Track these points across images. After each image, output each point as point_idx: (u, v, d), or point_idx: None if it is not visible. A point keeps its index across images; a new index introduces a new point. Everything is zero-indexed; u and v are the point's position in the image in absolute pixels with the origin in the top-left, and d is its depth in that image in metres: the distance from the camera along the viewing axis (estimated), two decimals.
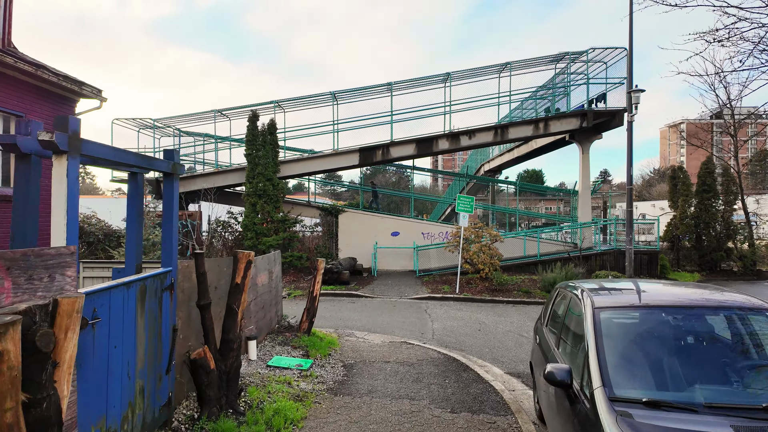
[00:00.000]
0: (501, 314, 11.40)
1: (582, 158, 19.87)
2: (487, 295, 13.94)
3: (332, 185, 66.97)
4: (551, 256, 18.39)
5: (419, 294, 14.05)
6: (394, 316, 10.93)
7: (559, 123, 18.42)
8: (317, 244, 19.76)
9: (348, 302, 12.96)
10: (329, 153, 18.26)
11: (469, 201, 14.77)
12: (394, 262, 19.94)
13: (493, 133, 18.25)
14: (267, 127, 17.52)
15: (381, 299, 13.46)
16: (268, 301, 7.18)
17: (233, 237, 18.70)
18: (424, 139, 18.18)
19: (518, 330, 9.50)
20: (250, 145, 17.15)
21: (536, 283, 15.51)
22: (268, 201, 17.15)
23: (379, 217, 20.42)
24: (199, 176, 18.56)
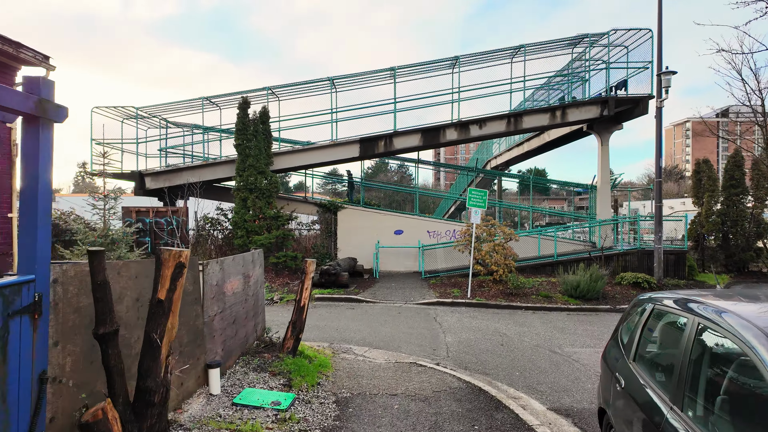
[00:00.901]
0: (522, 323, 9.88)
1: (601, 150, 18.33)
2: (503, 300, 12.43)
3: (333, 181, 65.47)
4: (569, 257, 16.86)
5: (426, 299, 12.54)
6: (399, 325, 9.42)
7: (578, 111, 16.89)
8: (314, 244, 18.27)
9: (347, 308, 11.46)
10: (327, 144, 16.77)
11: (482, 195, 13.26)
12: (398, 263, 18.44)
13: (506, 122, 16.73)
14: (259, 115, 16.03)
15: (384, 305, 11.96)
16: (241, 314, 5.68)
17: (223, 235, 17.23)
18: (430, 129, 16.67)
19: (547, 344, 7.99)
20: (240, 134, 15.66)
21: (556, 287, 13.98)
22: (260, 196, 15.66)
23: (382, 214, 18.92)
24: (186, 169, 17.08)
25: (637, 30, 16.65)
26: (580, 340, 8.39)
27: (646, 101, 16.57)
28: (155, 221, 16.37)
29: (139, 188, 17.00)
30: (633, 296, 13.08)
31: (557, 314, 11.26)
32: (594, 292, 12.53)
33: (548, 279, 15.30)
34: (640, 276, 13.95)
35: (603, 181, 18.30)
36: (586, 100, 16.99)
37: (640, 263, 16.47)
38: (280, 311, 10.92)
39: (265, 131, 16.05)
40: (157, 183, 17.10)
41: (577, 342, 8.21)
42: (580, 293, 12.56)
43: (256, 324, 6.41)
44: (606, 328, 9.54)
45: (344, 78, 16.94)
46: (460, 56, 16.67)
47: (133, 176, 17.02)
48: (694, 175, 20.58)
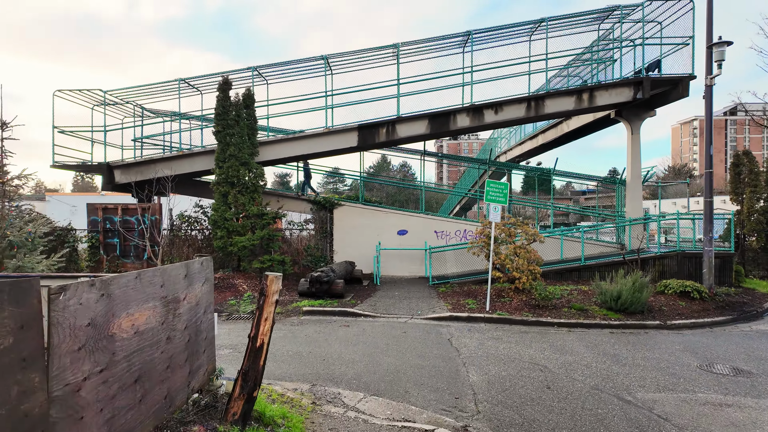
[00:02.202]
0: (562, 348, 7.76)
1: (631, 140, 16.20)
2: (529, 314, 10.31)
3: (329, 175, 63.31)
4: (597, 260, 14.72)
5: (437, 311, 10.44)
6: (405, 352, 7.32)
7: (607, 94, 14.75)
8: (307, 245, 16.18)
9: (340, 326, 9.36)
10: (321, 132, 14.67)
11: (502, 189, 11.14)
12: (402, 267, 16.34)
13: (526, 106, 14.61)
14: (242, 98, 13.96)
15: (386, 320, 9.86)
16: (158, 363, 3.58)
17: (203, 236, 15.15)
18: (439, 115, 14.56)
19: (609, 385, 5.88)
20: (220, 119, 13.58)
21: (589, 297, 11.86)
22: (243, 191, 13.57)
23: (384, 212, 16.83)
24: (160, 161, 15.01)
25: (676, 1, 14.51)
26: (650, 376, 6.27)
27: (686, 82, 14.43)
28: (124, 220, 14.31)
29: (108, 182, 14.94)
30: (682, 308, 10.97)
31: (598, 333, 9.13)
32: (638, 303, 10.40)
33: (577, 287, 13.16)
34: (687, 284, 11.81)
35: (633, 174, 16.16)
36: (617, 81, 14.84)
37: (679, 268, 14.33)
38: None
39: (250, 116, 13.97)
40: (128, 176, 15.04)
41: (647, 380, 6.09)
42: (621, 305, 10.43)
43: (194, 371, 4.31)
44: (670, 354, 7.42)
45: (341, 57, 14.84)
46: (472, 31, 14.56)
47: (100, 169, 14.95)
48: (732, 168, 18.41)
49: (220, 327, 9.27)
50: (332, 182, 70.26)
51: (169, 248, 14.62)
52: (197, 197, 16.65)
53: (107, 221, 14.41)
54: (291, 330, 8.93)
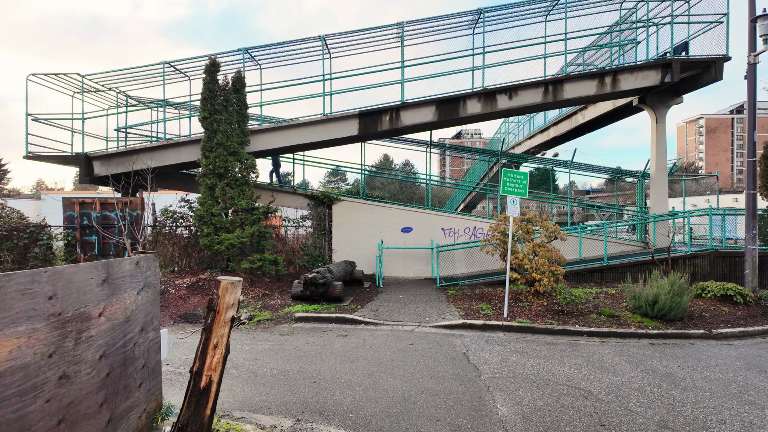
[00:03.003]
0: (601, 366, 6.47)
1: (656, 129, 14.88)
2: (554, 321, 9.01)
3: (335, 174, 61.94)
4: (620, 260, 13.40)
5: (447, 318, 9.16)
6: (414, 372, 6.04)
7: (632, 78, 13.43)
8: (303, 244, 14.92)
9: (337, 335, 8.09)
10: (318, 119, 13.40)
11: (521, 179, 9.84)
12: (406, 267, 15.07)
13: (543, 91, 13.30)
14: (232, 81, 12.71)
15: (390, 328, 8.59)
16: (45, 416, 2.30)
17: (190, 233, 13.90)
18: (447, 101, 13.27)
19: (680, 420, 4.59)
20: (206, 105, 12.33)
21: (617, 301, 10.57)
22: (232, 183, 12.32)
23: (386, 208, 15.55)
24: (143, 151, 13.76)
25: None
26: (725, 406, 4.97)
27: (720, 64, 13.10)
28: (103, 215, 13.07)
29: (86, 175, 13.70)
30: (725, 314, 9.66)
31: (636, 344, 7.84)
32: (678, 309, 9.09)
33: (602, 289, 11.85)
34: (729, 287, 10.49)
35: (658, 166, 14.83)
36: (643, 63, 13.51)
37: (713, 268, 13.01)
38: (244, 341, 7.56)
39: (240, 102, 12.71)
40: (109, 168, 13.80)
41: (724, 412, 4.79)
42: (658, 311, 9.12)
43: (121, 416, 3.03)
44: (734, 374, 6.12)
45: (340, 38, 13.57)
46: (483, 9, 13.26)
47: (77, 160, 13.71)
48: (762, 161, 17.03)
49: (197, 336, 8.01)
50: (334, 181, 69.01)
51: (152, 246, 13.38)
52: (185, 192, 15.43)
53: (84, 217, 13.17)
54: (279, 341, 7.65)
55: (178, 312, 9.95)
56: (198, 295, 11.12)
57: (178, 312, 9.95)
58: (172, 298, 10.74)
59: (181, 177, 15.44)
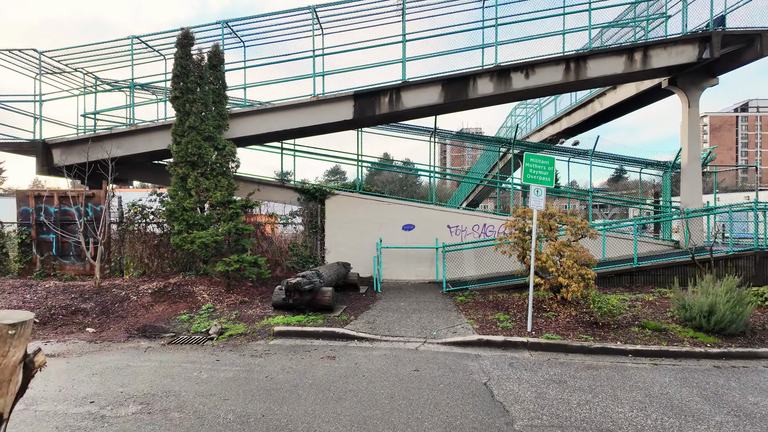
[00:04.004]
0: (668, 401, 4.85)
1: (689, 114, 13.25)
2: (588, 336, 7.38)
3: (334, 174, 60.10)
4: (654, 261, 11.75)
5: (459, 332, 7.54)
6: (422, 420, 4.42)
7: (665, 54, 11.81)
8: (292, 243, 13.29)
9: (322, 357, 6.46)
10: (307, 101, 11.77)
11: (546, 165, 8.19)
12: (408, 269, 13.46)
13: (563, 69, 11.67)
14: (208, 57, 11.09)
15: (388, 346, 6.96)
16: None
17: (162, 231, 12.26)
18: (455, 80, 11.64)
19: None
20: (178, 83, 10.71)
21: (660, 310, 8.94)
22: (208, 173, 10.71)
23: (386, 203, 13.93)
24: (109, 137, 12.13)
25: None
26: None
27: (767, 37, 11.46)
28: (62, 211, 11.45)
29: (44, 165, 12.06)
30: None
31: (698, 368, 6.21)
32: (740, 322, 7.47)
33: (635, 295, 10.23)
34: None
35: (691, 156, 13.20)
36: (677, 37, 11.87)
37: (758, 270, 11.40)
38: (203, 365, 5.93)
39: (217, 80, 11.09)
40: (70, 157, 12.17)
41: None
42: (715, 324, 7.49)
43: None
44: None
45: (333, 9, 11.94)
46: None
47: (33, 148, 12.08)
48: None
49: (149, 357, 6.39)
50: (333, 180, 67.26)
51: (119, 246, 11.75)
52: (159, 184, 13.82)
53: (41, 212, 11.54)
54: (248, 366, 6.02)
55: (136, 324, 8.33)
56: (165, 302, 9.49)
57: (137, 324, 8.32)
58: (132, 306, 9.11)
59: (153, 168, 13.81)
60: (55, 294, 9.39)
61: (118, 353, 6.78)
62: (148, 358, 6.50)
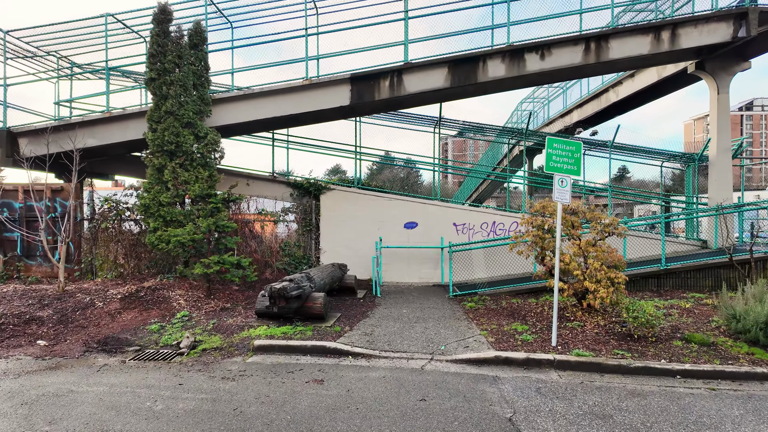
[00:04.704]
0: None
1: (718, 101, 12.09)
2: (624, 351, 6.23)
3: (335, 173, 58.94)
4: (684, 263, 10.58)
5: (472, 346, 6.42)
6: None
7: (696, 32, 10.66)
8: (284, 243, 12.17)
9: (308, 381, 5.33)
10: (298, 85, 10.65)
11: (572, 151, 7.04)
12: (410, 271, 12.34)
13: (583, 49, 10.53)
14: (188, 35, 9.97)
15: (389, 365, 5.83)
16: None
17: (140, 228, 11.14)
18: (463, 60, 10.51)
19: None
20: (154, 63, 9.59)
21: (701, 319, 7.78)
22: (187, 164, 9.59)
23: (386, 198, 12.80)
24: (81, 125, 11.03)
25: None
26: None
27: None
28: (28, 206, 10.33)
29: (8, 155, 10.93)
30: None
31: (766, 393, 5.07)
32: None
33: (667, 301, 9.06)
34: None
35: (720, 147, 12.05)
36: (709, 13, 10.72)
37: None
38: (162, 390, 4.80)
39: (198, 61, 9.98)
40: (39, 147, 11.05)
41: None
42: None
43: None
44: None
45: None
46: None
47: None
48: None
49: (100, 379, 5.27)
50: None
51: (91, 246, 10.63)
52: (137, 178, 12.71)
53: (4, 208, 10.43)
54: (215, 392, 4.90)
55: (98, 335, 7.21)
56: (135, 309, 8.36)
57: (99, 335, 7.20)
58: (96, 314, 7.98)
59: (136, 161, 12.68)
60: (11, 299, 8.27)
61: (66, 373, 5.66)
62: (98, 380, 5.38)
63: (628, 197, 14.64)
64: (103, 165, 13.67)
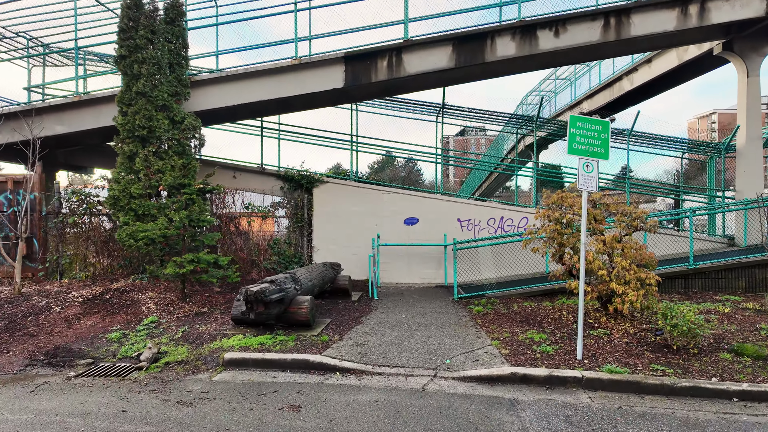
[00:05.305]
0: None
1: (747, 85, 11.04)
2: (665, 366, 5.22)
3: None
4: (715, 261, 9.53)
5: (482, 360, 5.41)
6: None
7: (727, 5, 9.63)
8: (273, 240, 11.18)
9: (282, 409, 4.33)
10: (287, 65, 9.65)
11: (598, 131, 6.01)
12: (410, 271, 11.34)
13: (601, 26, 9.50)
14: (164, 9, 8.98)
15: (383, 384, 4.82)
16: None
17: (114, 224, 10.14)
18: (469, 38, 9.49)
19: None
20: (125, 39, 8.60)
21: (746, 326, 6.74)
22: (162, 152, 8.60)
23: (384, 192, 11.79)
24: (47, 110, 10.05)
25: None
26: None
27: None
28: None
29: None
30: None
31: None
32: None
33: (702, 305, 8.02)
34: None
35: (750, 136, 11.01)
36: None
37: None
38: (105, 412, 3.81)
39: (175, 38, 8.99)
40: (3, 135, 10.07)
41: None
42: None
43: None
44: None
45: None
46: None
47: None
48: None
49: (30, 402, 4.28)
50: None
51: (58, 243, 9.64)
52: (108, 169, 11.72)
53: None
54: (162, 421, 3.91)
55: (48, 345, 6.21)
56: (97, 314, 7.37)
57: (49, 345, 6.21)
58: (51, 320, 6.99)
59: (106, 151, 11.71)
60: None
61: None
62: (26, 405, 4.39)
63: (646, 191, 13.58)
64: (80, 157, 12.72)
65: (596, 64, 18.06)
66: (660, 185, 15.24)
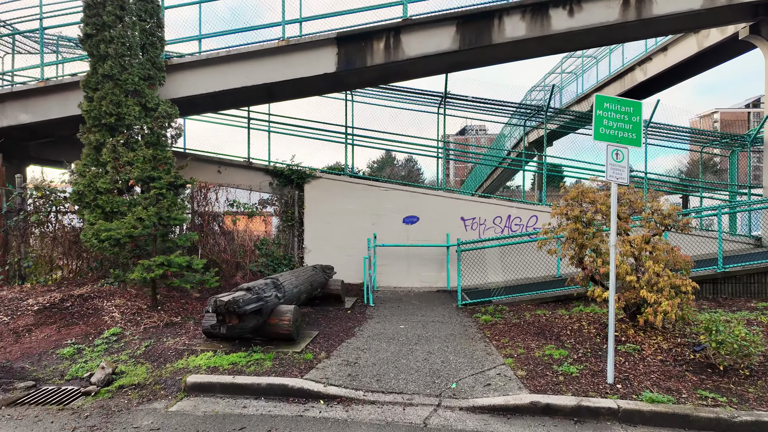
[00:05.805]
0: None
1: None
2: (714, 393, 4.33)
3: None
4: (742, 265, 8.64)
5: (494, 384, 4.52)
6: None
7: None
8: (261, 240, 10.29)
9: None
10: (274, 47, 8.74)
11: (629, 113, 5.12)
12: (409, 274, 10.45)
13: (621, 4, 8.60)
14: None
15: (375, 417, 3.93)
16: None
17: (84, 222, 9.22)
18: (474, 16, 8.59)
19: None
20: (92, 16, 7.69)
21: None
22: (132, 143, 7.71)
23: (381, 188, 10.90)
24: (9, 97, 9.15)
25: None
26: None
27: None
28: None
29: None
30: None
31: None
32: None
33: (737, 314, 7.12)
34: None
35: None
36: None
37: None
38: None
39: (149, 16, 8.08)
40: None
41: None
42: None
43: None
44: None
45: None
46: None
47: None
48: None
49: None
50: None
51: (19, 243, 8.74)
52: None
53: None
54: None
55: None
56: (53, 325, 6.47)
57: None
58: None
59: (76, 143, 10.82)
60: None
61: None
62: None
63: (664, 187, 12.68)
64: (53, 150, 11.81)
65: (605, 56, 17.19)
66: (681, 180, 14.33)
